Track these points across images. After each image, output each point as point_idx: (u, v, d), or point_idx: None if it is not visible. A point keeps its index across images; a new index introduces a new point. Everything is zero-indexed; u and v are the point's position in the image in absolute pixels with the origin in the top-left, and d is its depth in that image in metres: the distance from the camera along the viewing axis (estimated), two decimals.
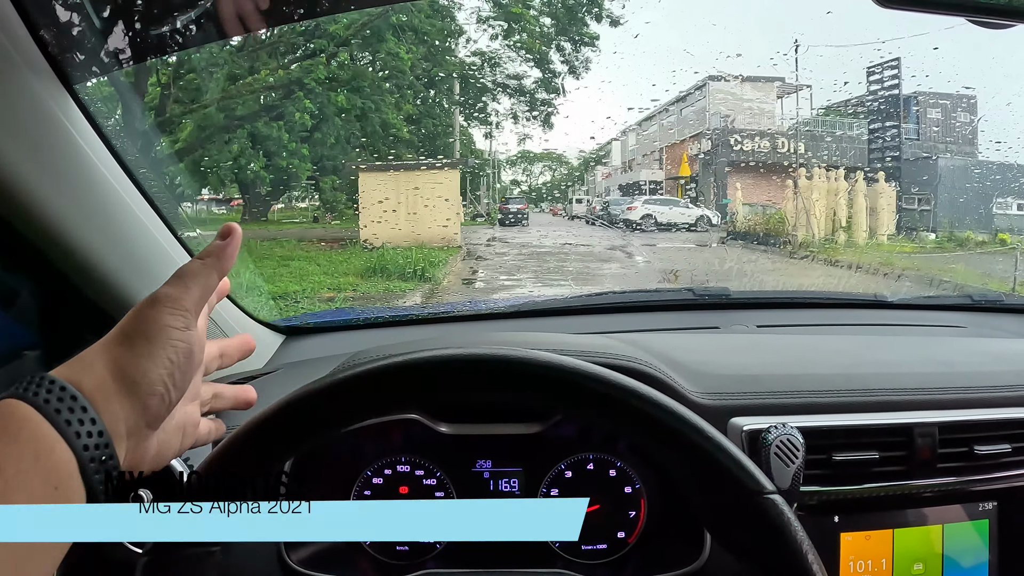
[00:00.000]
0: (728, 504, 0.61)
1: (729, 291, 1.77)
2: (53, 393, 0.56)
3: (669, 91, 15.95)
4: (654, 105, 15.03)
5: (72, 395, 0.57)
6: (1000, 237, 10.40)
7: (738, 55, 19.98)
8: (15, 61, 0.80)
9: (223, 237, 0.72)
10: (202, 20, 0.95)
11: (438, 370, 0.63)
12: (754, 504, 0.59)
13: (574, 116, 18.52)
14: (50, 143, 0.88)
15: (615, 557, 1.12)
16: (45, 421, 0.55)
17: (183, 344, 0.64)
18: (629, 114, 17.80)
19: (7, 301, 1.12)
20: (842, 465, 1.04)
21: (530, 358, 0.61)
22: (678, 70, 16.05)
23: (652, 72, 22.60)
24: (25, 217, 0.89)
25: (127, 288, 1.06)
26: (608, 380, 0.61)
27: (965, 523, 1.12)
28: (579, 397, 0.61)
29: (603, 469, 1.14)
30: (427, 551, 1.12)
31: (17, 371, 1.15)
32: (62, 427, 0.55)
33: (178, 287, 0.67)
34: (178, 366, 0.64)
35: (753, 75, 13.29)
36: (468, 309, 1.80)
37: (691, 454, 0.60)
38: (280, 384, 1.26)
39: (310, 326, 1.64)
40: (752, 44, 20.25)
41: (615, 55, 16.01)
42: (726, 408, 1.08)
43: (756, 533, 0.60)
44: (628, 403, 0.61)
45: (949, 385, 1.16)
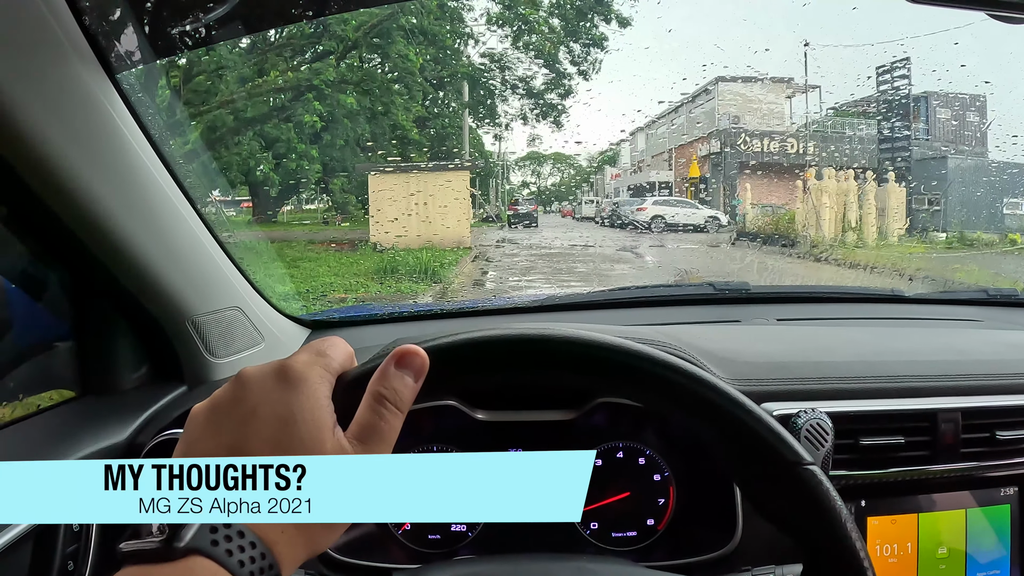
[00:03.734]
0: (768, 476, 0.62)
1: (749, 285, 1.78)
2: (246, 552, 0.49)
3: (675, 88, 15.94)
4: (663, 106, 15.03)
5: (262, 553, 0.50)
6: (1010, 237, 10.37)
7: (756, 52, 19.97)
8: (63, 45, 0.82)
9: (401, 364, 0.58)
10: (237, 11, 0.97)
11: (513, 348, 0.64)
12: (793, 475, 0.60)
13: (583, 118, 18.52)
14: (95, 130, 0.89)
15: (645, 544, 1.13)
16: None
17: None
18: (638, 115, 17.81)
19: (39, 292, 1.14)
20: (869, 450, 1.05)
21: (580, 337, 0.63)
22: (688, 72, 16.04)
23: (663, 73, 22.58)
24: (67, 202, 0.90)
25: (162, 276, 1.07)
26: (654, 358, 0.62)
27: (987, 508, 1.13)
28: (625, 374, 0.63)
29: (633, 458, 1.15)
30: (459, 539, 1.13)
31: (48, 363, 1.17)
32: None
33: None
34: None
35: (763, 75, 13.27)
36: (489, 304, 1.82)
37: (731, 426, 0.62)
38: None
39: (335, 320, 1.66)
40: (763, 44, 20.22)
41: (625, 56, 16.01)
42: (755, 394, 1.08)
43: (795, 504, 0.61)
44: (670, 378, 0.62)
45: (971, 372, 1.18)
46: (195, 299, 1.16)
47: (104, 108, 0.89)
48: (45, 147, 0.82)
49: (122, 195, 0.96)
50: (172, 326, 1.16)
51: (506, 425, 1.14)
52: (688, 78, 15.43)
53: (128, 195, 0.97)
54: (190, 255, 1.14)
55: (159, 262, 1.06)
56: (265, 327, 1.36)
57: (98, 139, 0.90)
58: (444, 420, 1.13)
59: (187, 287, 1.14)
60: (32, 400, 1.10)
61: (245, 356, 1.31)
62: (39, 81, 0.80)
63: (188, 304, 1.15)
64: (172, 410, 1.14)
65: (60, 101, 0.83)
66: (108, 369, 1.18)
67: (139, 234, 1.01)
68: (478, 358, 0.64)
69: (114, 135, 0.92)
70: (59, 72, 0.82)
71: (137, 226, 1.00)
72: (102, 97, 0.89)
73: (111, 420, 1.10)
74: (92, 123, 0.89)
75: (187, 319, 1.16)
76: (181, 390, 1.23)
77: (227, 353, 1.27)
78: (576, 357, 0.63)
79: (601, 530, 1.13)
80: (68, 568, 0.95)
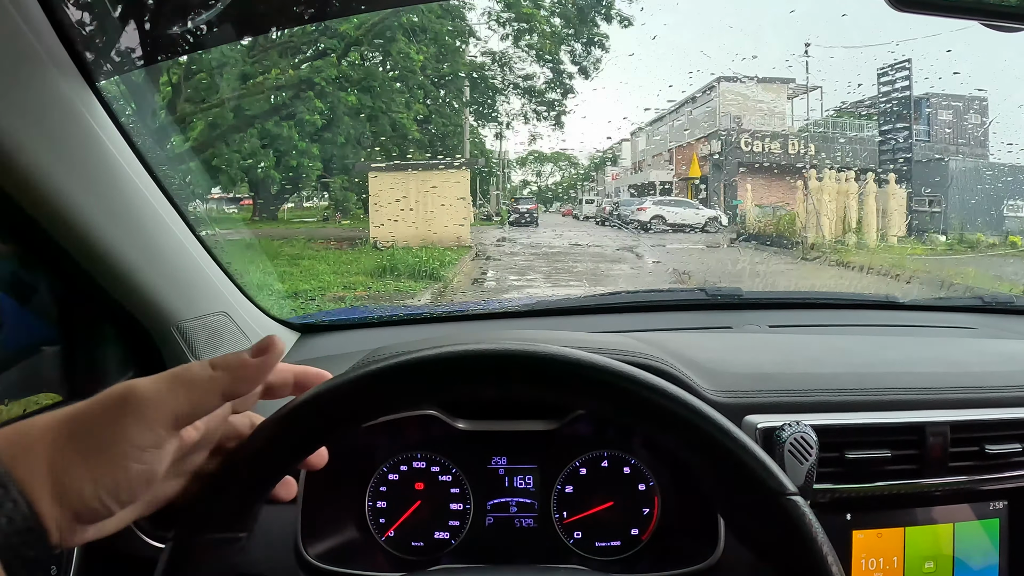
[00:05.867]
0: (749, 503, 0.61)
1: (741, 291, 1.77)
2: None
3: (674, 87, 15.95)
4: (665, 106, 15.02)
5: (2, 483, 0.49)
6: (1011, 240, 10.35)
7: (753, 57, 19.96)
8: (41, 57, 0.81)
9: (259, 352, 0.59)
10: (221, 19, 0.96)
11: (476, 364, 0.62)
12: (776, 505, 0.60)
13: (584, 117, 18.51)
14: (74, 139, 0.89)
15: (629, 554, 1.13)
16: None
17: (142, 466, 0.53)
18: (640, 115, 17.81)
19: (25, 296, 1.14)
20: (854, 463, 1.04)
21: (556, 354, 0.62)
22: (693, 71, 16.06)
23: (664, 73, 22.55)
24: (48, 211, 0.90)
25: (146, 282, 1.07)
26: (633, 377, 0.61)
27: (976, 522, 1.12)
28: (602, 393, 0.62)
29: (617, 466, 1.14)
30: (442, 547, 1.13)
31: (33, 367, 1.16)
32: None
33: (163, 392, 0.55)
34: (127, 486, 0.53)
35: (764, 76, 13.26)
36: (481, 308, 1.81)
37: (715, 452, 0.61)
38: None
39: (324, 324, 1.65)
40: (765, 46, 20.21)
41: (627, 56, 16.00)
42: (740, 406, 1.08)
43: (777, 533, 0.60)
44: (651, 399, 0.61)
45: (961, 385, 1.17)
46: (180, 305, 1.16)
47: (83, 117, 0.89)
48: (22, 156, 0.82)
49: (104, 203, 0.96)
50: (158, 332, 1.16)
51: (488, 435, 1.14)
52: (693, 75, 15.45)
53: (110, 203, 0.97)
54: (175, 260, 1.14)
55: (143, 268, 1.06)
56: (253, 331, 1.36)
57: (78, 148, 0.90)
58: (425, 430, 1.13)
59: (172, 293, 1.14)
60: (17, 405, 1.09)
61: None
62: (16, 91, 0.79)
63: (173, 310, 1.15)
64: None
65: (38, 111, 0.83)
66: (94, 373, 1.18)
67: (122, 241, 1.00)
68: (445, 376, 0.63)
69: (94, 144, 0.92)
70: (36, 82, 0.82)
71: (119, 233, 1.00)
72: (81, 106, 0.88)
73: None
74: (71, 133, 0.88)
75: (173, 325, 1.16)
76: None
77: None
78: (542, 374, 0.62)
79: (584, 539, 1.13)
80: (52, 572, 0.94)
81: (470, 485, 1.14)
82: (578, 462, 1.14)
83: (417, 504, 1.13)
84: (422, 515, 1.13)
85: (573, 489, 1.14)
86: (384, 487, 1.14)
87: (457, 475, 1.14)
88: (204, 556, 0.61)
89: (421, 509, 1.13)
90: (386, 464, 1.14)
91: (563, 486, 1.14)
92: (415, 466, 1.15)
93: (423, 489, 1.14)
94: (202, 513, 0.61)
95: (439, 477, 1.14)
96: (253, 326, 1.36)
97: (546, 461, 1.14)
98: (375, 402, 0.62)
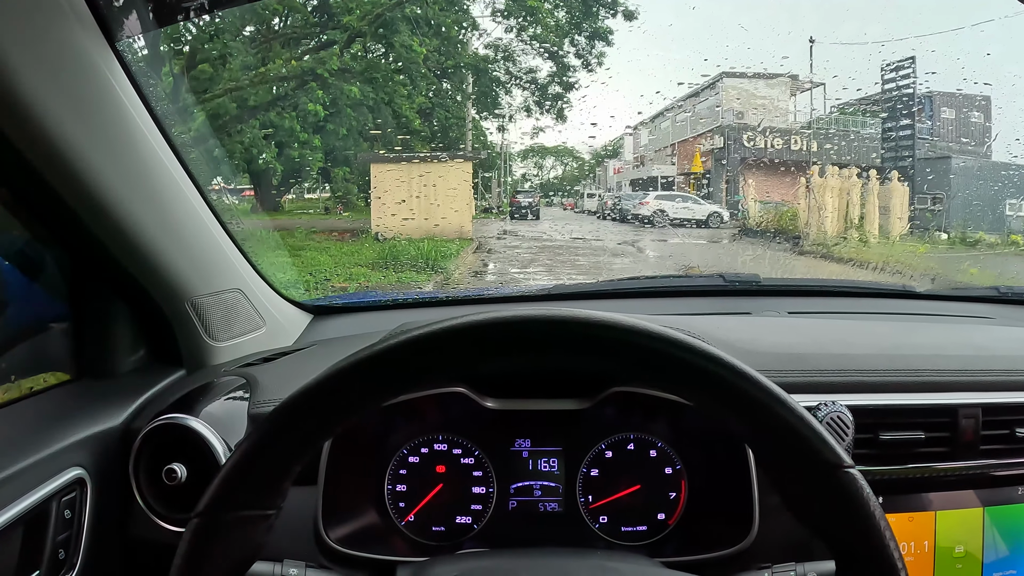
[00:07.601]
0: (805, 475, 0.60)
1: (759, 278, 1.75)
2: None
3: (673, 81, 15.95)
4: (667, 100, 14.99)
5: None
6: (1013, 238, 10.35)
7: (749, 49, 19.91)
8: (64, 10, 0.79)
9: None
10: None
11: (532, 330, 0.60)
12: (834, 477, 0.58)
13: (587, 110, 18.43)
14: (94, 97, 0.87)
15: (655, 539, 1.10)
16: None
17: None
18: (642, 109, 17.79)
19: (34, 272, 1.11)
20: (888, 445, 1.03)
21: (615, 321, 0.59)
22: (694, 67, 16.03)
23: (666, 68, 22.54)
24: (62, 171, 0.87)
25: (163, 252, 1.05)
26: (692, 347, 0.59)
27: (1006, 506, 1.11)
28: (658, 363, 0.60)
29: (644, 450, 1.12)
30: (464, 531, 1.10)
31: (43, 345, 1.14)
32: None
33: None
34: None
35: (767, 72, 13.22)
36: (495, 292, 1.79)
37: (772, 423, 0.59)
38: (318, 359, 1.24)
39: (338, 306, 1.63)
40: (767, 41, 20.20)
41: (631, 49, 15.98)
42: None
43: (832, 506, 0.59)
44: (708, 369, 0.59)
45: (991, 368, 1.16)
46: (196, 279, 1.14)
47: (104, 76, 0.87)
48: (44, 116, 0.80)
49: (122, 168, 0.93)
50: (171, 307, 1.14)
51: (515, 414, 1.11)
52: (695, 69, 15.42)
53: (129, 168, 0.94)
54: (192, 233, 1.11)
55: (160, 239, 1.03)
56: (267, 311, 1.33)
57: (98, 108, 0.88)
58: (452, 408, 1.10)
59: (188, 266, 1.11)
60: (26, 382, 1.07)
61: (246, 340, 1.28)
62: (38, 46, 0.77)
63: (188, 284, 1.12)
64: (169, 395, 1.12)
65: (59, 67, 0.81)
66: (104, 351, 1.16)
67: (139, 209, 0.98)
68: (503, 340, 0.60)
69: (114, 104, 0.89)
70: (58, 36, 0.80)
71: (137, 200, 0.97)
72: (102, 64, 0.86)
73: (106, 404, 1.07)
74: (92, 91, 0.86)
75: (187, 300, 1.13)
76: (179, 374, 1.20)
77: (227, 336, 1.24)
78: (608, 342, 0.59)
79: (610, 524, 1.10)
80: (59, 556, 0.92)
81: (493, 468, 1.11)
82: (603, 444, 1.12)
83: (439, 487, 1.10)
84: (443, 499, 1.10)
85: (598, 473, 1.11)
86: (404, 470, 1.11)
87: (480, 457, 1.11)
88: (232, 533, 0.59)
89: (442, 493, 1.10)
90: (406, 446, 1.12)
91: (588, 469, 1.11)
92: (436, 448, 1.12)
93: (444, 472, 1.11)
94: (232, 489, 0.59)
95: (461, 460, 1.12)
96: (267, 305, 1.34)
97: (570, 444, 1.12)
98: (423, 368, 0.60)
